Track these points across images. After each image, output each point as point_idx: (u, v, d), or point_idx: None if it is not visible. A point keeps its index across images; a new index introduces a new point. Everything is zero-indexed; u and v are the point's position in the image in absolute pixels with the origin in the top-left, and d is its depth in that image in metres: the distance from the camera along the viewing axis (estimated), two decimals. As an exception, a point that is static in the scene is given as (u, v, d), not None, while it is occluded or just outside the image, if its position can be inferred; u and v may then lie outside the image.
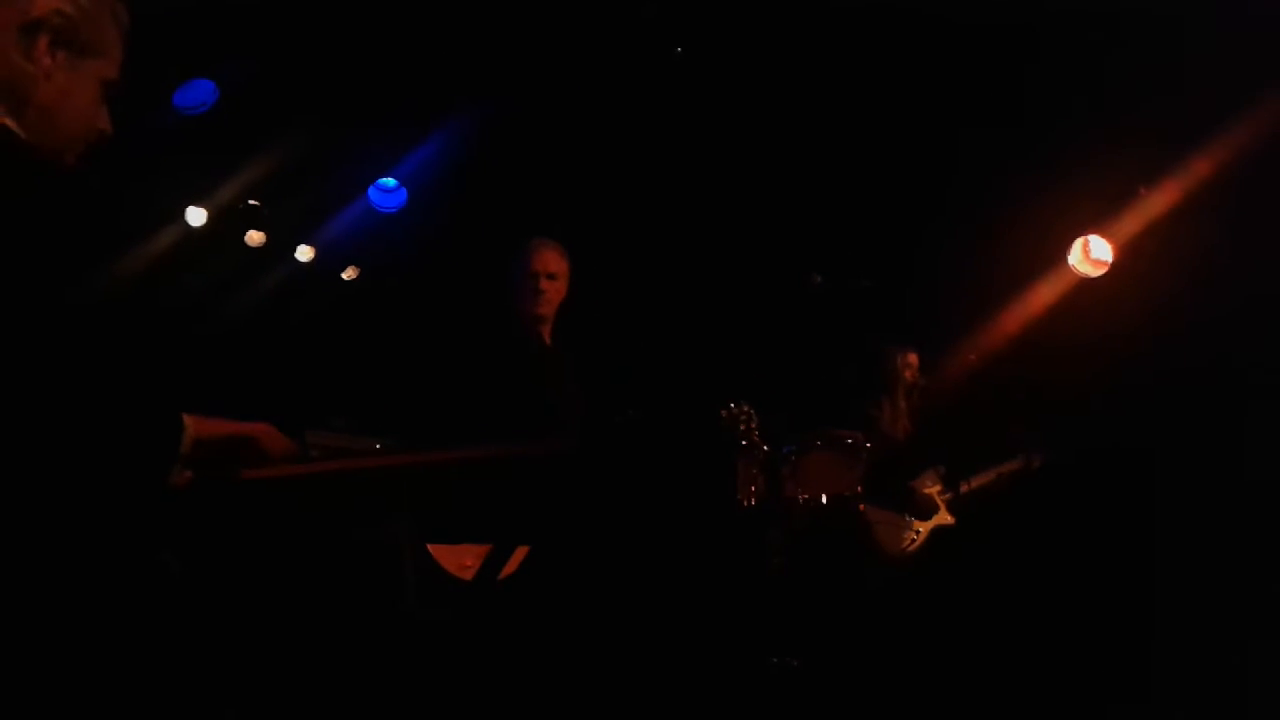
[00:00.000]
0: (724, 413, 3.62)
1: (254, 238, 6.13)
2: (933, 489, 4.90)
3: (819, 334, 4.88)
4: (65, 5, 1.71)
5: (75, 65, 1.73)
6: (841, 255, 4.88)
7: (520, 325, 3.73)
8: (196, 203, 5.86)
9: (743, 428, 3.65)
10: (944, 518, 4.85)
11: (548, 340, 3.77)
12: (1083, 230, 5.12)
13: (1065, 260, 5.13)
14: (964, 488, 4.87)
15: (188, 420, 1.72)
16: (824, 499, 3.66)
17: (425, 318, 5.61)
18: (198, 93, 5.37)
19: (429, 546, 3.20)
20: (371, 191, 6.12)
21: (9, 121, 1.67)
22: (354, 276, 6.57)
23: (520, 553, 3.08)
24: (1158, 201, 4.90)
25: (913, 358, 5.11)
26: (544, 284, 3.69)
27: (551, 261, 3.72)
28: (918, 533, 4.79)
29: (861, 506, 3.86)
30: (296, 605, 3.31)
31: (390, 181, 6.11)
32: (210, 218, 5.89)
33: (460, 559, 3.14)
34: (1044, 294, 5.16)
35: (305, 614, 3.25)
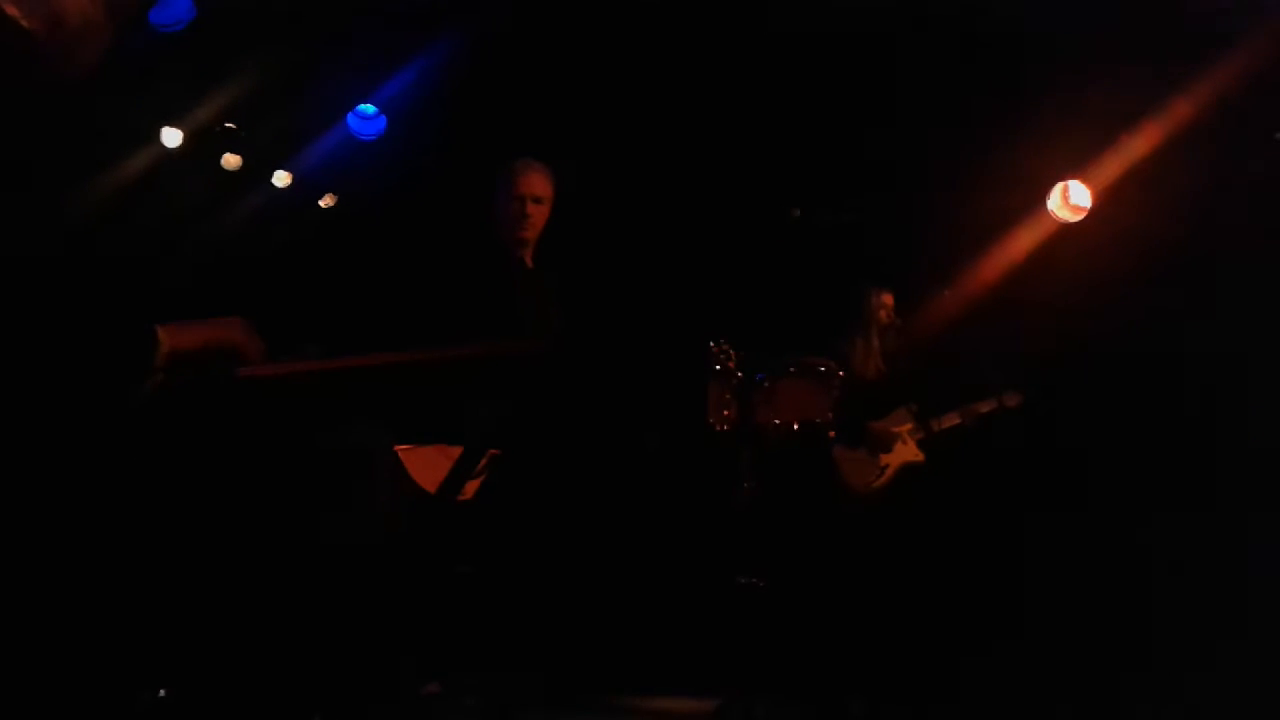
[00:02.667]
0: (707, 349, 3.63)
1: (230, 161, 6.06)
2: (903, 427, 4.95)
3: (796, 268, 4.90)
4: None
5: None
6: (821, 190, 4.88)
7: (503, 247, 3.71)
8: (172, 124, 5.79)
9: (718, 358, 3.67)
10: (913, 454, 4.90)
11: (529, 262, 3.76)
12: (1062, 175, 5.13)
13: (1044, 205, 5.15)
14: (935, 426, 4.92)
15: (161, 332, 1.72)
16: (795, 425, 3.69)
17: (403, 244, 5.58)
18: (175, 9, 5.29)
19: (405, 462, 3.20)
20: (350, 118, 6.05)
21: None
22: (332, 204, 6.52)
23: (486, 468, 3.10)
24: (1138, 145, 4.90)
25: (888, 298, 5.13)
26: (529, 207, 3.66)
27: (537, 184, 3.69)
28: (885, 468, 4.84)
29: (832, 434, 3.89)
30: (268, 506, 3.32)
31: (370, 108, 6.05)
32: (186, 139, 5.83)
33: (434, 472, 3.15)
34: (1023, 239, 5.18)
35: (277, 515, 3.26)
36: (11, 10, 1.63)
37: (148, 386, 1.71)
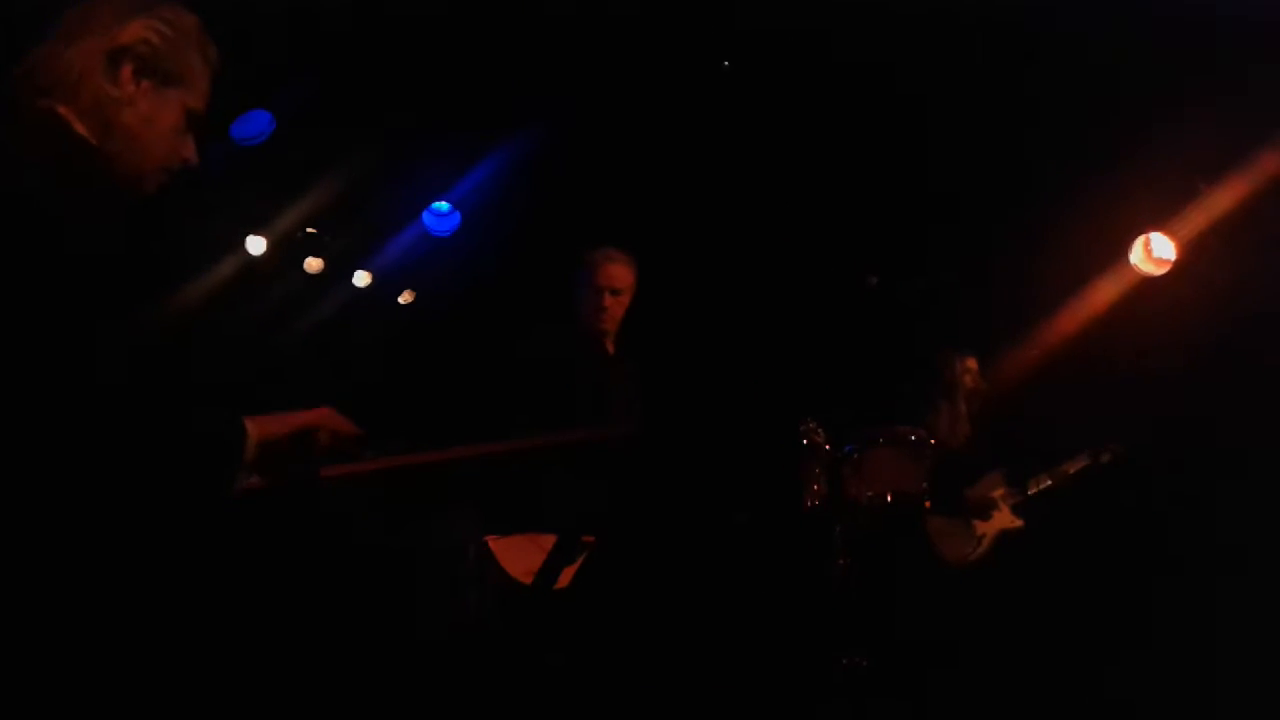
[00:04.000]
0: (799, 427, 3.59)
1: (313, 265, 6.23)
2: (996, 493, 4.83)
3: (878, 337, 4.85)
4: (152, 35, 1.77)
5: (159, 93, 1.78)
6: (899, 257, 4.85)
7: (585, 337, 3.74)
8: (256, 232, 5.98)
9: (808, 435, 3.62)
10: (1010, 521, 4.77)
11: (611, 350, 3.78)
12: (1144, 228, 5.04)
13: (1126, 258, 5.06)
14: (1032, 489, 4.80)
15: (249, 424, 1.74)
16: (889, 496, 3.61)
17: (484, 337, 5.65)
18: (255, 123, 5.48)
19: (496, 553, 3.20)
20: (425, 215, 6.19)
21: (92, 140, 1.72)
22: (410, 300, 6.65)
23: (579, 562, 3.08)
24: (1221, 198, 4.81)
25: (971, 362, 5.05)
26: (608, 300, 3.69)
27: (617, 276, 3.72)
28: (982, 537, 4.72)
29: (927, 504, 3.80)
30: (361, 606, 3.33)
31: (444, 205, 6.19)
32: (270, 246, 6.01)
33: (526, 562, 3.15)
34: (1105, 292, 5.08)
35: (370, 615, 3.27)
36: (63, 110, 1.70)
37: (240, 481, 1.70)
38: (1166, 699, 4.32)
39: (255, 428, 1.74)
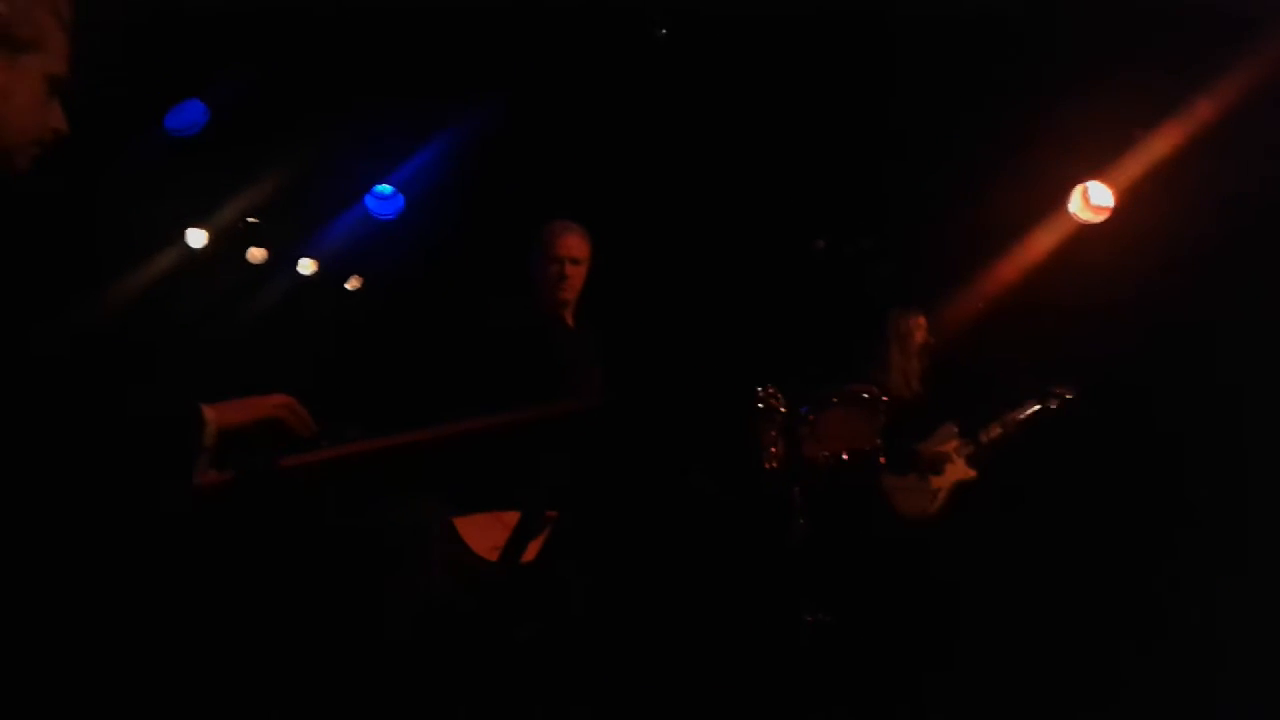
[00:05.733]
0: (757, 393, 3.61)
1: (256, 254, 6.17)
2: (950, 445, 4.90)
3: (827, 299, 4.89)
4: None
5: (14, 63, 1.68)
6: (843, 218, 4.88)
7: (543, 310, 3.73)
8: (196, 224, 5.90)
9: (764, 399, 3.65)
10: (964, 472, 4.84)
11: (570, 322, 3.77)
12: (1082, 177, 5.12)
13: (1066, 207, 5.13)
14: (983, 438, 4.87)
15: (208, 411, 1.71)
16: (845, 455, 3.66)
17: (437, 318, 5.62)
18: (188, 113, 5.40)
19: (461, 531, 3.21)
20: (368, 199, 6.14)
21: None
22: (358, 286, 6.61)
23: (543, 537, 3.09)
24: (1158, 144, 4.88)
25: (920, 319, 5.10)
26: (568, 269, 3.67)
27: (575, 246, 3.71)
28: (938, 491, 4.79)
29: (882, 460, 3.86)
30: (328, 593, 3.32)
31: (386, 188, 6.13)
32: (211, 238, 5.93)
33: (490, 539, 3.15)
34: (1046, 241, 5.16)
35: (337, 601, 3.26)
36: None
37: (200, 468, 1.69)
38: (1121, 639, 4.42)
39: (215, 414, 1.72)
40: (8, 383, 1.53)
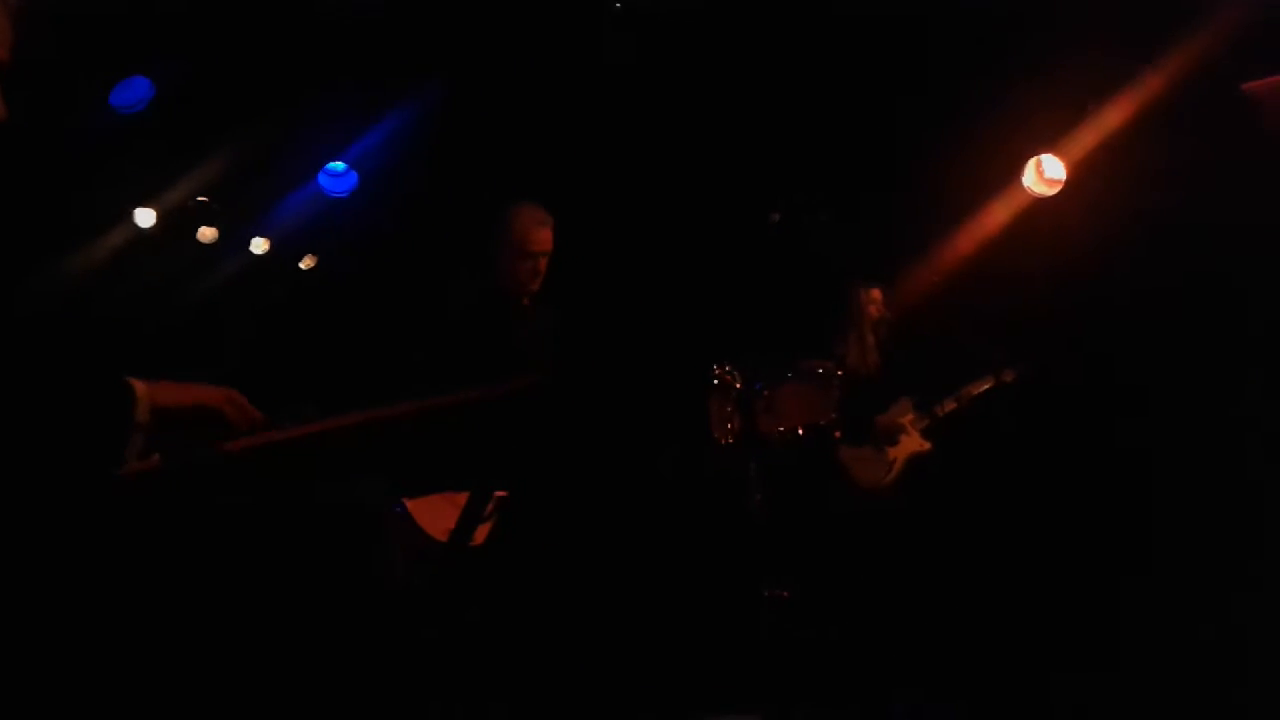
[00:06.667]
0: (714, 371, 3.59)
1: (206, 234, 6.07)
2: (905, 418, 4.93)
3: (783, 274, 4.89)
4: None
5: None
6: (798, 191, 4.87)
7: (504, 294, 3.68)
8: (144, 203, 5.79)
9: (719, 375, 3.64)
10: (919, 444, 4.88)
11: (527, 303, 3.73)
12: (1036, 149, 5.13)
13: (1019, 180, 5.14)
14: (939, 411, 4.90)
15: (139, 386, 1.63)
16: (800, 430, 3.66)
17: (393, 297, 5.56)
18: (134, 90, 5.29)
19: (412, 512, 3.19)
20: (321, 177, 6.05)
21: None
22: (312, 265, 6.52)
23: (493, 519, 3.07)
24: (1109, 117, 4.90)
25: (876, 293, 5.13)
26: (541, 263, 3.62)
27: (547, 240, 3.65)
28: (893, 462, 4.83)
29: (838, 434, 3.87)
30: (282, 581, 3.29)
31: (339, 165, 6.05)
32: (160, 217, 5.83)
33: (442, 521, 3.14)
34: (998, 214, 5.17)
35: (293, 588, 3.23)
36: None
37: (134, 446, 1.61)
38: (1075, 607, 4.47)
39: (147, 390, 1.63)
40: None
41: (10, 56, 1.71)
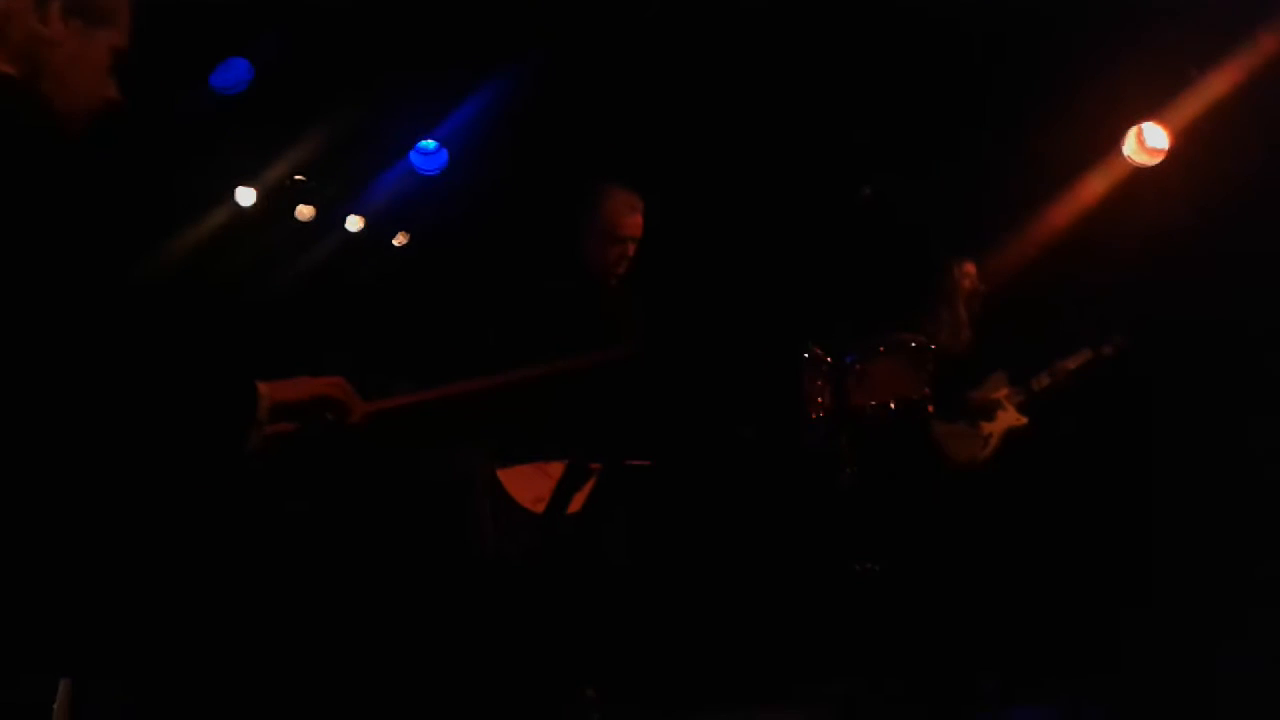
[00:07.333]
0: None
1: (304, 212, 6.19)
2: (1000, 393, 4.86)
3: (875, 247, 4.84)
4: None
5: (87, 33, 1.75)
6: (892, 164, 4.81)
7: (590, 273, 3.67)
8: (245, 183, 5.94)
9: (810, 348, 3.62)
10: (1015, 419, 4.80)
11: (614, 283, 3.73)
12: (1137, 118, 4.99)
13: (1119, 150, 5.01)
14: (1035, 386, 4.83)
15: (262, 386, 1.72)
16: (892, 404, 3.63)
17: (482, 275, 5.62)
18: (234, 72, 5.42)
19: (504, 481, 3.23)
20: (412, 155, 6.14)
21: (23, 82, 1.67)
22: (405, 242, 6.63)
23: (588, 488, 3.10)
24: (1215, 84, 4.74)
25: (969, 267, 5.06)
26: (630, 248, 3.60)
27: (638, 226, 3.62)
28: (989, 437, 4.76)
29: (930, 409, 3.83)
30: (377, 545, 3.37)
31: (430, 144, 6.13)
32: (260, 196, 5.97)
33: (535, 490, 3.17)
34: (1099, 185, 5.04)
35: (386, 553, 3.31)
36: None
37: (253, 440, 1.70)
38: (1164, 589, 4.38)
39: (269, 390, 1.72)
40: (68, 347, 1.54)
41: (129, 45, 1.81)
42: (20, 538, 1.55)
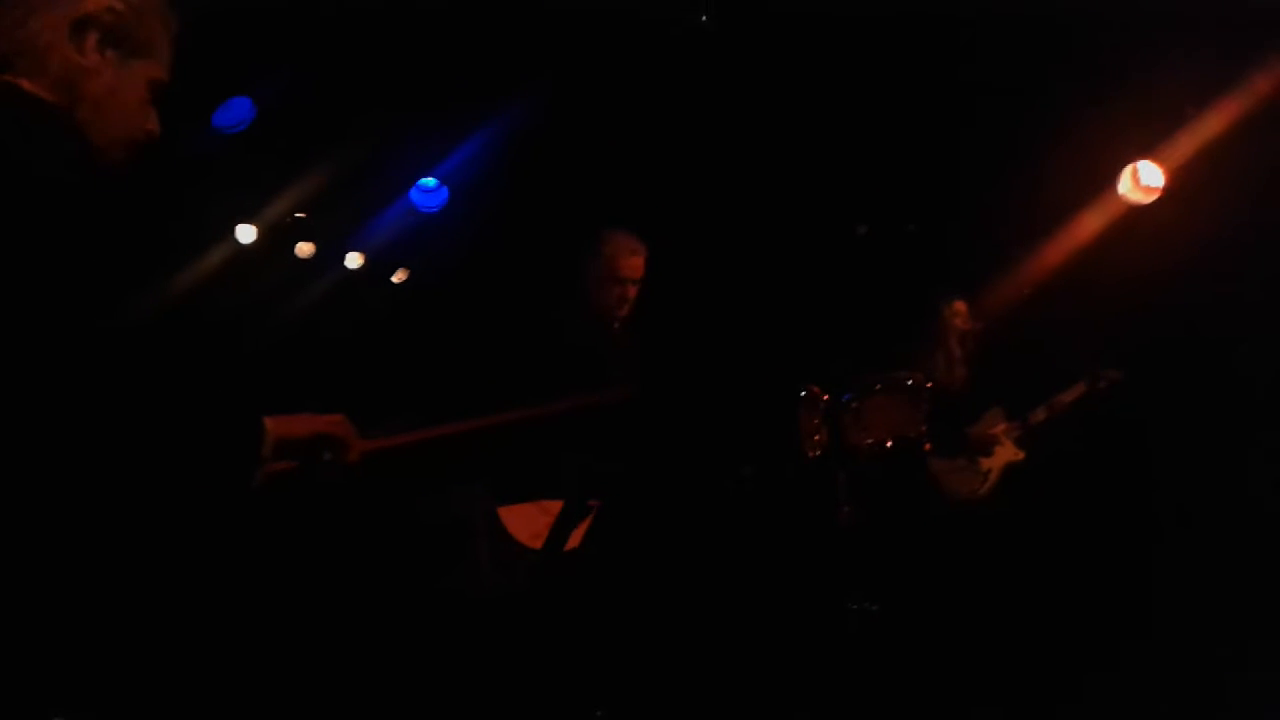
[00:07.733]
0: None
1: (304, 249, 6.23)
2: (998, 428, 4.87)
3: (871, 285, 4.86)
4: (116, 3, 1.75)
5: (124, 64, 1.77)
6: (886, 203, 4.84)
7: (596, 318, 3.73)
8: (245, 220, 5.97)
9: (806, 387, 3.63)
10: (1013, 454, 4.81)
11: (617, 327, 3.77)
12: (1132, 157, 5.02)
13: (1114, 188, 5.04)
14: (1032, 420, 4.84)
15: (268, 422, 1.73)
16: (889, 442, 3.63)
17: (481, 313, 5.65)
18: (236, 111, 5.47)
19: (503, 518, 3.24)
20: (413, 192, 6.18)
21: (62, 110, 1.69)
22: (404, 279, 6.66)
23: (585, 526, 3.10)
24: (1210, 123, 4.77)
25: (960, 305, 5.08)
26: (631, 290, 3.68)
27: (639, 268, 3.70)
28: (988, 472, 4.77)
29: (927, 447, 3.82)
30: (374, 584, 3.36)
31: (430, 181, 6.17)
32: (260, 233, 6.00)
33: (533, 528, 3.18)
34: (1093, 222, 5.07)
35: (384, 592, 3.30)
36: (27, 84, 1.68)
37: (258, 475, 1.70)
38: (1173, 620, 4.36)
39: (274, 425, 1.73)
40: (76, 378, 1.54)
41: (167, 78, 1.84)
42: (19, 572, 1.56)
